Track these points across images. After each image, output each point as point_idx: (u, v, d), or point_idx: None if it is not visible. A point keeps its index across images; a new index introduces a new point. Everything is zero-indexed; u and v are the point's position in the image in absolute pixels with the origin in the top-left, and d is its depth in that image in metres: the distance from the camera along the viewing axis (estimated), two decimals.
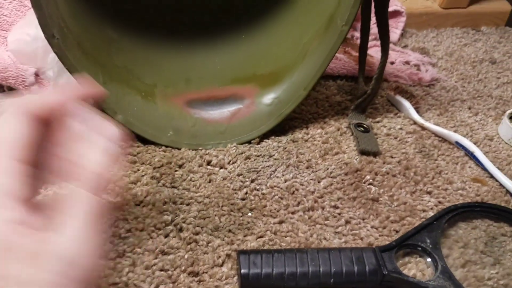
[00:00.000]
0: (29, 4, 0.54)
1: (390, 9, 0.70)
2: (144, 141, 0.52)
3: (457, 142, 0.56)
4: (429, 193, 0.51)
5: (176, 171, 0.50)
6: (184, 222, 0.45)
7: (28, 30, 0.49)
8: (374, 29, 0.56)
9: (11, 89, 0.52)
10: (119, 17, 0.55)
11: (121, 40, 0.55)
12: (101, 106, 0.49)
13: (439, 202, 0.50)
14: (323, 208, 0.48)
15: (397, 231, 0.47)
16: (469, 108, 0.63)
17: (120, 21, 0.55)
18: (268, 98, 0.56)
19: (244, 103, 0.57)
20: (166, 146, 0.52)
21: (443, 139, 0.57)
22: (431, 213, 0.48)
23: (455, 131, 0.58)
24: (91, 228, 0.25)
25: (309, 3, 0.55)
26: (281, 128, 0.56)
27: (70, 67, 0.45)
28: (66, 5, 0.46)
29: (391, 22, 0.72)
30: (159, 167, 0.50)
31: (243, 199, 0.48)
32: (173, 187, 0.48)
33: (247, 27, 0.61)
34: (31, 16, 0.51)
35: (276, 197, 0.48)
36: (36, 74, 0.51)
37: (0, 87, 0.53)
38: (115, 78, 0.51)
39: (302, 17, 0.55)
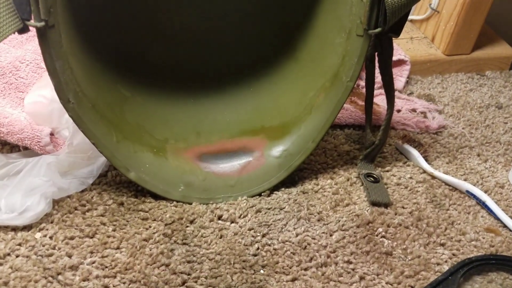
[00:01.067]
0: (45, 66, 0.56)
1: (394, 58, 0.72)
2: (156, 196, 0.52)
3: (467, 191, 0.56)
4: (442, 245, 0.50)
5: (187, 227, 0.50)
6: (196, 282, 0.44)
7: (44, 93, 0.51)
8: (379, 77, 0.57)
9: (26, 148, 0.53)
10: (131, 75, 0.57)
11: (134, 98, 0.56)
12: (113, 164, 0.50)
13: (453, 254, 0.49)
14: (336, 263, 0.47)
15: (412, 287, 0.46)
16: (478, 155, 0.63)
17: (133, 80, 0.57)
18: (277, 150, 0.56)
19: (254, 155, 0.57)
20: (178, 201, 0.53)
21: (454, 188, 0.57)
22: (445, 266, 0.48)
23: (465, 179, 0.58)
24: None
25: (313, 61, 0.56)
26: (291, 179, 0.56)
27: (85, 130, 0.46)
28: (81, 70, 0.48)
29: (396, 70, 0.73)
30: (170, 223, 0.50)
31: (254, 255, 0.48)
32: (184, 243, 0.48)
33: (254, 81, 0.62)
34: (47, 78, 0.52)
35: (288, 252, 0.48)
36: (51, 134, 0.52)
37: (15, 146, 0.54)
38: (128, 136, 0.52)
39: (308, 72, 0.57)
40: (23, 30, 0.41)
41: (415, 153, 0.60)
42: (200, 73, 0.62)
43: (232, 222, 0.51)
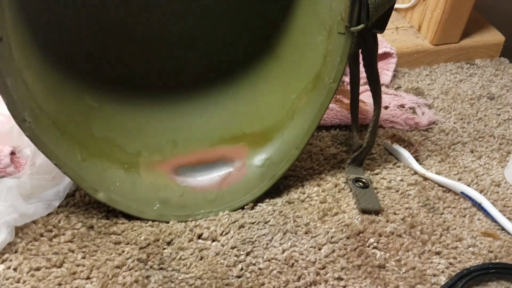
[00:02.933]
0: None
1: (380, 51, 0.68)
2: (130, 217, 0.49)
3: (462, 192, 0.53)
4: (438, 253, 0.47)
5: (164, 249, 0.46)
6: None
7: (2, 110, 0.47)
8: (364, 72, 0.53)
9: None
10: (98, 84, 0.52)
11: (102, 108, 0.52)
12: (79, 185, 0.46)
13: (450, 263, 0.46)
14: (326, 281, 0.44)
15: None
16: (472, 152, 0.59)
17: (100, 88, 0.52)
18: (259, 159, 0.53)
19: (235, 165, 0.53)
20: (153, 221, 0.49)
21: (448, 189, 0.54)
22: (442, 277, 0.45)
23: (459, 179, 0.55)
24: None
25: (294, 60, 0.52)
26: (276, 189, 0.53)
27: (45, 150, 0.42)
28: (40, 83, 0.43)
29: (382, 64, 0.69)
30: (145, 247, 0.46)
31: (238, 276, 0.44)
32: (161, 268, 0.45)
33: (233, 83, 0.58)
34: None
35: (275, 272, 0.45)
36: (12, 153, 0.48)
37: None
38: (95, 153, 0.48)
39: (289, 72, 0.53)
40: None
41: (405, 153, 0.57)
42: (175, 77, 0.58)
43: (213, 241, 0.47)
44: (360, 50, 0.49)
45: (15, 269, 0.43)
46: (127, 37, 0.55)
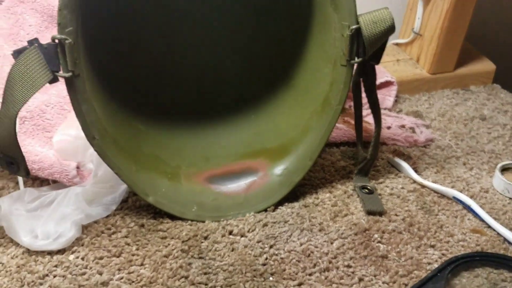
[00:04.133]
0: (68, 107, 0.63)
1: (382, 80, 0.78)
2: (173, 217, 0.58)
3: (454, 197, 0.61)
4: (432, 246, 0.56)
5: (202, 242, 0.56)
6: None
7: (69, 131, 0.58)
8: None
9: (55, 181, 0.60)
10: (144, 111, 0.64)
11: (148, 131, 0.63)
12: (134, 190, 0.56)
13: (443, 254, 0.55)
14: (337, 268, 0.53)
15: (406, 285, 0.51)
16: (464, 164, 0.68)
17: (146, 115, 0.64)
18: (279, 169, 0.63)
19: (258, 175, 0.63)
20: (192, 220, 0.59)
21: (442, 195, 0.63)
22: (436, 265, 0.53)
23: (452, 187, 0.64)
24: None
25: (306, 87, 0.63)
26: (293, 195, 0.62)
27: (108, 162, 0.53)
28: (102, 109, 0.54)
29: (385, 91, 0.79)
30: (187, 240, 0.56)
31: (264, 264, 0.53)
32: (200, 257, 0.54)
33: (255, 108, 0.69)
34: (71, 118, 0.59)
35: (294, 260, 0.54)
36: (77, 167, 0.59)
37: (45, 180, 0.60)
38: (145, 166, 0.58)
39: (302, 98, 0.63)
40: (53, 80, 0.48)
41: (405, 165, 0.66)
42: (207, 105, 0.69)
43: (242, 236, 0.57)
44: (361, 79, 0.59)
45: (82, 258, 0.53)
46: (169, 75, 0.66)
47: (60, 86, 0.65)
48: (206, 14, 0.64)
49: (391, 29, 0.51)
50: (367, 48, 0.51)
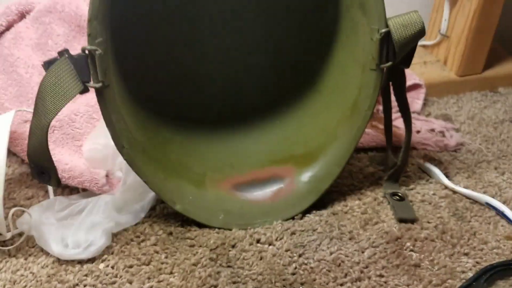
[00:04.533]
0: (96, 116, 0.64)
1: (410, 82, 0.77)
2: (200, 225, 0.58)
3: (487, 203, 0.60)
4: (466, 254, 0.54)
5: (230, 251, 0.55)
6: None
7: (99, 140, 0.58)
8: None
9: (84, 190, 0.60)
10: (171, 120, 0.64)
11: (174, 138, 0.63)
12: (162, 198, 0.56)
13: (477, 262, 0.53)
14: (369, 278, 0.52)
15: None
16: (495, 169, 0.67)
17: (172, 123, 0.64)
18: (306, 176, 0.62)
19: (285, 182, 0.63)
20: (219, 228, 0.58)
21: (474, 201, 0.61)
22: (470, 274, 0.52)
23: (484, 192, 0.62)
24: None
25: (334, 92, 0.62)
26: (321, 202, 0.61)
27: (137, 170, 0.53)
28: (131, 118, 0.55)
29: (413, 93, 0.78)
30: (215, 249, 0.55)
31: (293, 273, 0.53)
32: (229, 266, 0.54)
33: (281, 114, 0.68)
34: (100, 128, 0.60)
35: (324, 270, 0.53)
36: (107, 176, 0.59)
37: (74, 188, 0.61)
38: (172, 173, 0.58)
39: (329, 103, 0.62)
40: (84, 90, 0.48)
41: (436, 170, 0.65)
42: (232, 112, 0.69)
43: (269, 245, 0.56)
44: (390, 83, 0.58)
45: (112, 267, 0.53)
46: (194, 82, 0.66)
47: (88, 95, 0.65)
48: (231, 20, 0.64)
49: (421, 33, 0.50)
50: (397, 52, 0.50)
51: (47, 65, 0.46)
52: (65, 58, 0.46)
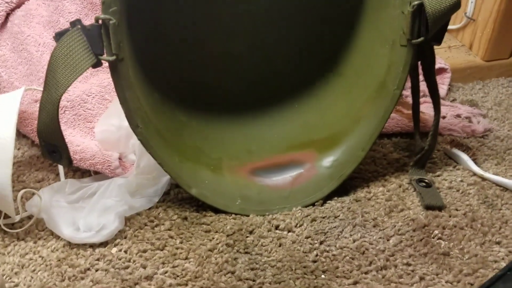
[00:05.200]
0: (109, 97, 0.61)
1: (435, 66, 0.73)
2: (216, 210, 0.56)
3: None
4: (498, 243, 0.51)
5: (247, 237, 0.53)
6: (261, 287, 0.47)
7: (112, 121, 0.56)
8: (421, 86, 0.59)
9: (96, 173, 0.58)
10: (187, 103, 0.61)
11: (190, 123, 0.60)
12: (178, 182, 0.53)
13: (510, 251, 0.50)
14: (395, 266, 0.49)
15: (471, 284, 0.47)
16: None
17: (188, 107, 0.61)
18: (328, 161, 0.59)
19: (305, 167, 0.60)
20: (236, 214, 0.56)
21: (505, 188, 0.58)
22: (503, 264, 0.48)
23: None
24: None
25: (357, 74, 0.59)
26: (343, 189, 0.58)
27: (152, 152, 0.50)
28: (145, 98, 0.52)
29: (438, 78, 0.74)
30: (231, 234, 0.53)
31: (314, 261, 0.50)
32: (246, 252, 0.51)
33: (299, 97, 0.65)
34: (113, 108, 0.57)
35: (347, 257, 0.50)
36: (120, 158, 0.57)
37: (86, 171, 0.59)
38: (188, 157, 0.56)
39: (353, 86, 0.59)
40: (97, 64, 0.46)
41: (464, 156, 0.61)
42: (249, 96, 0.66)
43: (289, 231, 0.53)
44: (419, 62, 0.55)
45: (125, 252, 0.51)
46: (210, 66, 0.63)
47: (101, 75, 0.64)
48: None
49: (457, 5, 0.47)
50: (431, 26, 0.47)
51: (59, 36, 0.44)
52: (77, 29, 0.44)
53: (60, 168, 0.57)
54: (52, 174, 0.60)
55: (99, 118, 0.59)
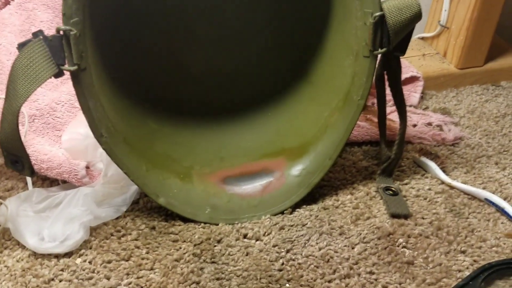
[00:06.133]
0: (79, 106, 0.61)
1: (407, 75, 0.74)
2: (185, 219, 0.56)
3: (486, 199, 0.57)
4: (463, 252, 0.51)
5: (215, 246, 0.53)
6: None
7: (79, 130, 0.56)
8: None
9: (64, 182, 0.58)
10: (158, 110, 0.61)
11: (161, 130, 0.61)
12: (144, 191, 0.53)
13: (474, 261, 0.50)
14: (359, 274, 0.49)
15: None
16: (496, 164, 0.64)
17: (160, 114, 0.61)
18: (296, 169, 0.59)
19: (275, 175, 0.60)
20: (205, 223, 0.56)
21: (473, 197, 0.58)
22: (467, 273, 0.49)
23: (483, 188, 0.59)
24: None
25: (326, 83, 0.59)
26: (312, 197, 0.59)
27: (117, 161, 0.50)
28: (112, 107, 0.52)
29: (410, 86, 0.75)
30: (199, 244, 0.53)
31: (280, 270, 0.50)
32: (213, 262, 0.51)
33: (272, 106, 0.66)
34: (81, 117, 0.57)
35: (312, 266, 0.50)
36: (87, 167, 0.57)
37: (55, 180, 0.58)
38: (157, 165, 0.56)
39: (321, 94, 0.60)
40: (59, 74, 0.46)
41: (432, 165, 0.62)
42: (222, 104, 0.66)
43: (257, 240, 0.54)
44: (385, 72, 0.55)
45: (90, 262, 0.51)
46: (182, 73, 0.63)
47: (71, 83, 0.63)
48: (219, 6, 0.61)
49: (417, 16, 0.47)
50: (392, 37, 0.48)
51: (21, 47, 0.44)
52: (39, 39, 0.44)
53: (28, 178, 0.57)
54: (21, 183, 0.60)
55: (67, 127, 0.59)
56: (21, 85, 0.43)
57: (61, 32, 0.44)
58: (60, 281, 0.48)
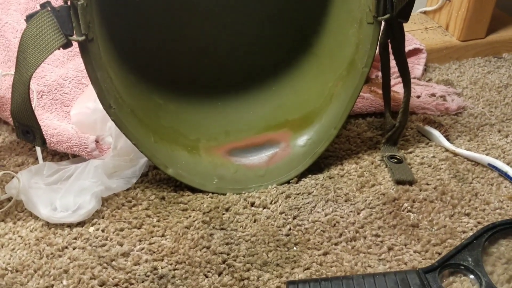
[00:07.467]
0: (86, 82, 0.62)
1: (410, 47, 0.75)
2: (193, 190, 0.57)
3: (489, 164, 0.58)
4: (467, 215, 0.52)
5: (223, 214, 0.54)
6: (235, 260, 0.48)
7: (87, 104, 0.57)
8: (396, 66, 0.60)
9: (74, 156, 0.59)
10: (163, 85, 0.62)
11: (167, 105, 0.61)
12: (153, 162, 0.54)
13: (478, 222, 0.51)
14: (365, 237, 0.50)
15: (439, 253, 0.48)
16: (499, 131, 0.64)
17: (165, 89, 0.62)
18: (302, 140, 0.60)
19: (280, 146, 0.61)
20: (213, 193, 0.57)
21: (476, 163, 0.59)
22: (471, 234, 0.50)
23: (487, 154, 0.60)
24: None
25: (330, 53, 0.60)
26: (317, 167, 0.60)
27: (126, 132, 0.51)
28: (119, 80, 0.53)
29: (413, 59, 0.76)
30: (208, 212, 0.54)
31: (287, 235, 0.51)
32: (222, 228, 0.52)
33: (276, 80, 0.66)
34: (89, 92, 0.58)
35: (319, 230, 0.51)
36: (96, 141, 0.58)
37: (65, 155, 0.59)
38: (164, 137, 0.57)
39: (325, 65, 0.60)
40: (67, 44, 0.46)
41: (436, 133, 0.62)
42: (226, 78, 0.67)
43: (264, 208, 0.55)
44: (389, 40, 0.56)
45: (103, 230, 0.52)
46: (187, 48, 0.64)
47: (77, 60, 0.64)
48: None
49: None
50: (395, 3, 0.48)
51: (29, 18, 0.45)
52: (47, 10, 0.44)
53: (38, 151, 0.58)
54: (31, 158, 0.61)
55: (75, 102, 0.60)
56: (30, 54, 0.44)
57: (69, 3, 0.44)
58: (74, 248, 0.50)
